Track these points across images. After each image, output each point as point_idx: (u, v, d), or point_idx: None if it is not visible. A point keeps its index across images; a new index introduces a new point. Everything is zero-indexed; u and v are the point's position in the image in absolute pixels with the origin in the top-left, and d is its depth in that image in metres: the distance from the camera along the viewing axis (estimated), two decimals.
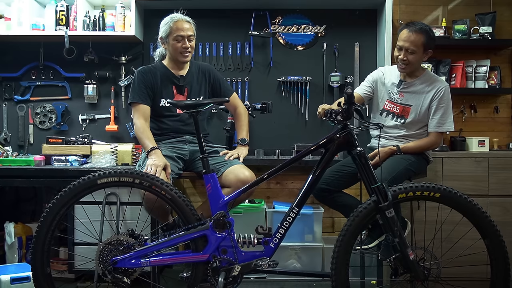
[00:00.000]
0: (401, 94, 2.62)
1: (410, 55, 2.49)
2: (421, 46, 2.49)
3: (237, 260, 2.01)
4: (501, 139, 3.42)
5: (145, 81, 2.55)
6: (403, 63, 2.53)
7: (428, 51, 2.54)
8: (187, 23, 2.55)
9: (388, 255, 2.03)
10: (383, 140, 2.64)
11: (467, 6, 3.42)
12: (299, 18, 3.46)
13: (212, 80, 2.71)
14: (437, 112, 2.55)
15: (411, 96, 2.60)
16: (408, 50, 2.49)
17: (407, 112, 2.60)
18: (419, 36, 2.47)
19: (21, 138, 3.47)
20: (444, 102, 2.55)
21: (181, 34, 2.51)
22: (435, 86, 2.56)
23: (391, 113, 2.65)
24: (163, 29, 2.55)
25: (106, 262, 1.97)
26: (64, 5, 3.23)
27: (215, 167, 2.37)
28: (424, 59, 2.58)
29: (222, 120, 3.37)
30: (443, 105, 2.55)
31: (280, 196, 3.48)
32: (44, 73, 3.47)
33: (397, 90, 2.63)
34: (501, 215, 2.93)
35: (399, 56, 2.53)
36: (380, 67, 2.86)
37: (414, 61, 2.51)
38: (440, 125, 2.56)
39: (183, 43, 2.52)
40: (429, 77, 2.62)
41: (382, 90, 2.70)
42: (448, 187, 1.97)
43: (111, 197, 2.77)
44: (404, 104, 2.61)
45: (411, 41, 2.48)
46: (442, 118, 2.55)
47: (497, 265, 1.95)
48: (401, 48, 2.52)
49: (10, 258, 3.08)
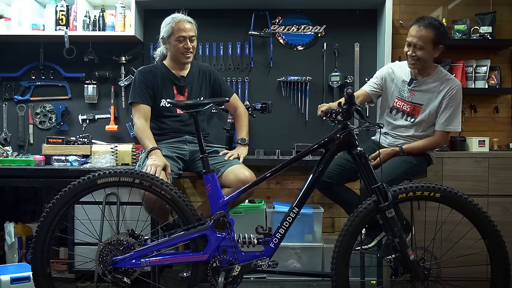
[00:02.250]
0: (412, 92, 2.57)
1: (419, 51, 2.44)
2: (430, 42, 2.43)
3: (237, 260, 2.01)
4: (501, 139, 3.42)
5: (145, 81, 2.54)
6: (412, 59, 2.48)
7: (439, 46, 2.47)
8: (189, 24, 2.54)
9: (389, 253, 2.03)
10: (390, 139, 2.63)
11: (467, 6, 3.43)
12: (299, 18, 3.46)
13: (213, 80, 2.71)
14: (446, 110, 2.50)
15: (422, 94, 2.55)
16: (416, 46, 2.43)
17: (418, 111, 2.56)
18: (428, 31, 2.42)
19: (21, 138, 3.47)
20: (454, 102, 2.49)
21: (183, 34, 2.51)
22: (447, 84, 2.50)
23: (401, 111, 2.61)
24: (164, 29, 2.55)
25: (106, 262, 1.97)
26: (64, 5, 3.23)
27: (215, 167, 2.37)
28: (435, 55, 2.50)
29: (222, 120, 3.37)
30: (452, 105, 2.49)
31: (280, 196, 3.48)
32: (44, 73, 3.47)
33: (408, 88, 2.58)
34: (501, 215, 2.93)
35: (408, 52, 2.49)
36: (390, 63, 2.82)
37: (423, 57, 2.44)
38: (447, 124, 2.51)
39: (185, 43, 2.52)
40: (441, 75, 2.55)
41: (392, 87, 2.65)
42: (448, 187, 1.97)
43: (111, 197, 2.77)
44: (415, 103, 2.56)
45: (419, 37, 2.42)
46: (450, 117, 2.50)
47: (497, 265, 1.95)
48: (410, 44, 2.47)
49: (10, 258, 3.08)
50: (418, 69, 2.55)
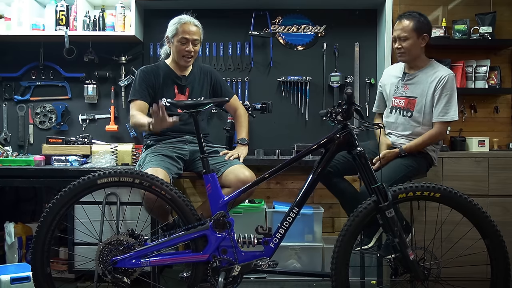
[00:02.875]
0: (406, 86, 2.60)
1: (404, 42, 2.51)
2: (413, 31, 2.50)
3: (237, 260, 2.01)
4: (501, 139, 3.41)
5: (146, 81, 2.55)
6: (399, 51, 2.56)
7: (423, 35, 2.53)
8: (194, 27, 2.55)
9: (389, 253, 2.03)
10: (393, 137, 2.64)
11: (467, 6, 3.42)
12: (299, 18, 3.46)
13: (214, 81, 2.72)
14: (441, 100, 2.49)
15: (415, 87, 2.57)
16: (401, 38, 2.52)
17: (413, 104, 2.56)
18: (408, 21, 2.51)
19: (21, 138, 3.47)
20: (447, 90, 2.48)
21: (186, 37, 2.51)
22: (438, 74, 2.51)
23: (398, 108, 2.62)
24: (170, 28, 2.56)
25: (106, 262, 1.96)
26: (64, 5, 3.23)
27: (215, 167, 2.37)
28: (422, 44, 2.55)
29: (222, 120, 3.37)
30: (446, 94, 2.48)
31: (280, 196, 3.48)
32: (44, 73, 3.47)
33: (402, 84, 2.62)
34: (501, 215, 2.93)
35: (395, 46, 2.57)
36: (385, 70, 2.88)
37: (409, 47, 2.51)
38: (444, 114, 2.49)
39: (187, 46, 2.52)
40: (433, 66, 2.57)
41: (388, 88, 2.69)
42: (448, 187, 1.97)
43: (111, 197, 2.77)
44: (409, 96, 2.57)
45: (401, 28, 2.52)
46: (446, 107, 2.49)
47: (497, 265, 1.95)
48: (395, 39, 2.56)
49: (10, 258, 3.08)
50: (408, 61, 2.59)
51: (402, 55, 2.56)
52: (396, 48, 2.57)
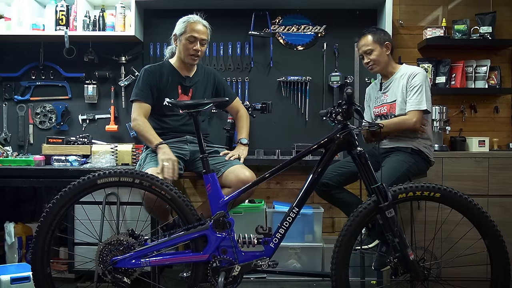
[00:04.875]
0: (385, 94, 2.69)
1: (370, 55, 2.63)
2: (375, 43, 2.61)
3: (237, 260, 2.01)
4: (501, 139, 3.42)
5: (150, 80, 2.55)
6: (368, 65, 2.66)
7: (385, 43, 2.63)
8: (203, 27, 2.55)
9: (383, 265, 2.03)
10: (384, 141, 2.65)
11: (467, 6, 3.43)
12: (299, 18, 3.46)
13: (217, 84, 2.72)
14: (413, 91, 2.53)
15: (391, 92, 2.65)
16: (367, 52, 2.63)
17: (394, 107, 2.62)
18: (367, 36, 2.64)
19: (21, 138, 3.47)
20: (418, 82, 2.52)
21: (195, 35, 2.51)
22: (409, 71, 2.59)
23: (381, 115, 2.69)
24: (178, 26, 2.56)
25: (106, 262, 1.96)
26: (64, 5, 3.23)
27: (216, 167, 2.37)
28: (387, 52, 2.64)
29: (222, 120, 3.37)
30: (417, 85, 2.52)
31: (280, 196, 3.48)
32: (44, 73, 3.47)
33: (381, 94, 2.72)
34: (501, 215, 2.93)
35: (364, 62, 2.69)
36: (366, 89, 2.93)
37: (376, 58, 2.62)
38: (418, 104, 2.51)
39: (195, 45, 2.52)
40: (405, 68, 2.66)
41: (370, 103, 2.81)
42: (448, 187, 1.97)
43: (111, 197, 2.77)
44: (389, 102, 2.65)
45: (364, 44, 2.64)
46: (418, 97, 2.51)
47: (497, 265, 1.95)
48: (362, 55, 2.69)
49: (10, 258, 3.08)
50: (380, 70, 2.68)
51: (373, 67, 2.66)
52: (366, 64, 2.68)
